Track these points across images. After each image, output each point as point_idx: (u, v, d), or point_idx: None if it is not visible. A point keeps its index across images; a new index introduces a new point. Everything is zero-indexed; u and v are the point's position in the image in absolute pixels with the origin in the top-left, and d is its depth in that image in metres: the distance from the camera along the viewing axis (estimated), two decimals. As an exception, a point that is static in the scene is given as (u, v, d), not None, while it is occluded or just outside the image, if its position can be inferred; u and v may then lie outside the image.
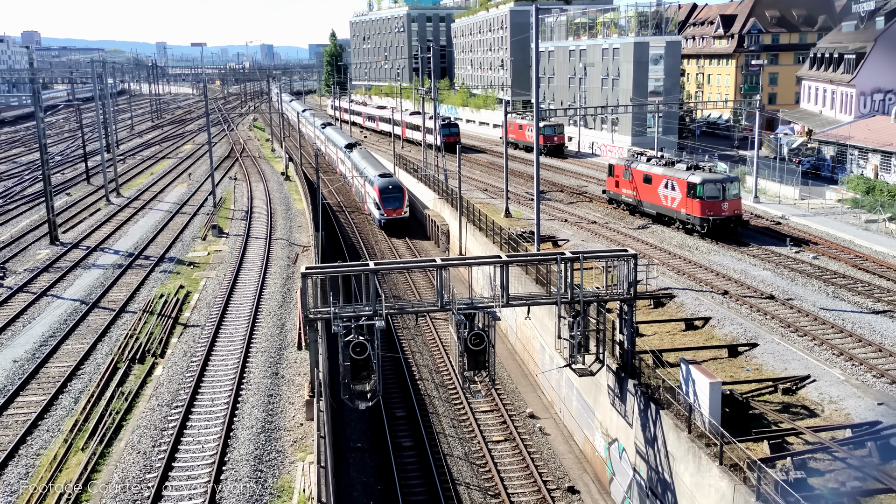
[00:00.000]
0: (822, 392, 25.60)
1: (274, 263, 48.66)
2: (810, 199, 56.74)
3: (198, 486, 23.68)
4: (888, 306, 33.36)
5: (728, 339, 30.74)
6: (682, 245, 45.01)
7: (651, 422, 25.02)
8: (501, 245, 44.61)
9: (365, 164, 76.68)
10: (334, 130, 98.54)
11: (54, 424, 27.66)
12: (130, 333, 36.09)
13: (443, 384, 36.66)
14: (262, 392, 30.17)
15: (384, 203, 66.77)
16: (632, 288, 25.92)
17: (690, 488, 22.60)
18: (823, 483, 20.80)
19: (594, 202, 59.26)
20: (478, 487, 28.41)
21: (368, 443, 31.40)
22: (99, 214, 65.18)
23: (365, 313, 24.36)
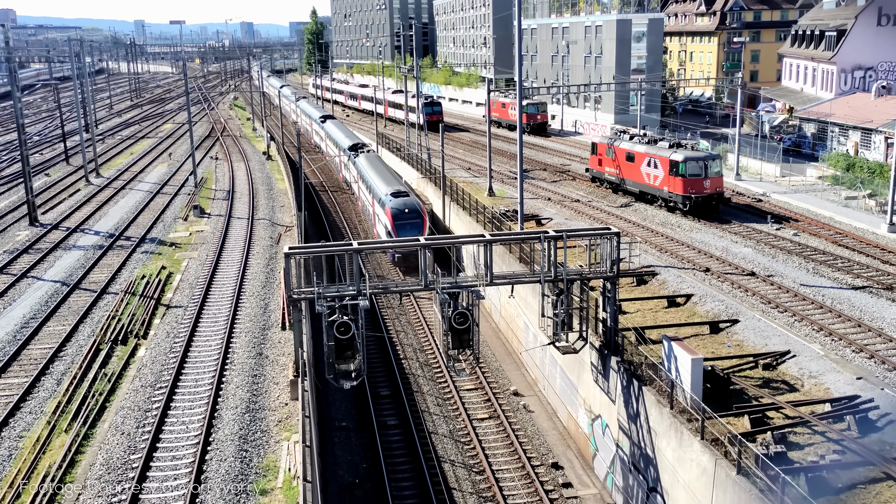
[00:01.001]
0: (802, 367, 25.91)
1: (256, 244, 48.46)
2: (791, 176, 57.08)
3: (183, 467, 23.70)
4: (867, 282, 33.73)
5: (709, 315, 31.00)
6: (665, 223, 45.22)
7: (633, 398, 25.25)
8: (485, 224, 44.64)
9: (373, 174, 59.18)
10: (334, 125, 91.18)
11: (37, 407, 27.54)
12: (112, 315, 35.88)
13: (427, 363, 36.77)
14: (247, 372, 30.14)
15: (399, 232, 47.41)
16: (615, 266, 26.04)
17: (672, 463, 22.87)
18: (803, 456, 21.11)
19: (577, 180, 59.33)
20: (462, 465, 28.60)
21: (353, 422, 31.50)
22: (78, 195, 64.55)
23: (349, 293, 24.34)
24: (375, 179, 56.98)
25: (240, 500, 21.92)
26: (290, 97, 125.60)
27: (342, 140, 77.45)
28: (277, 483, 22.87)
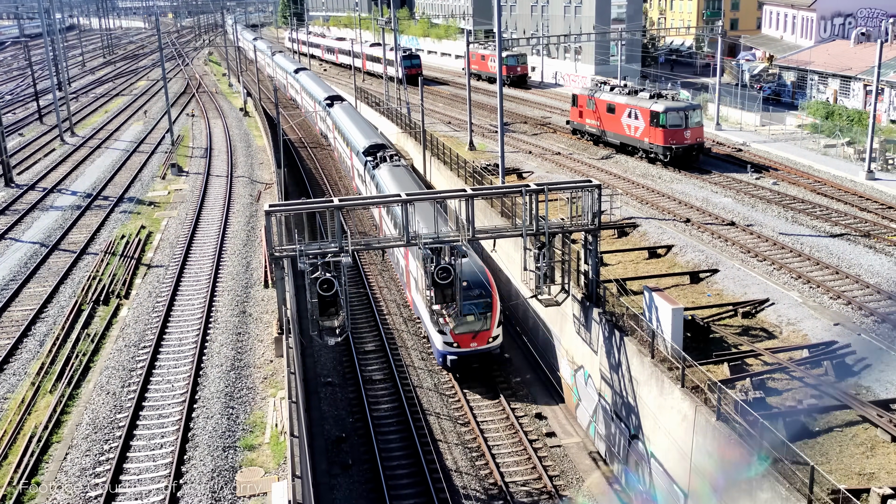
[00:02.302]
0: (781, 314, 26.28)
1: (236, 202, 48.13)
2: (771, 125, 57.20)
3: (169, 425, 23.83)
4: (845, 230, 34.09)
5: (690, 266, 31.27)
6: (646, 174, 45.30)
7: (615, 348, 25.55)
8: (466, 178, 44.52)
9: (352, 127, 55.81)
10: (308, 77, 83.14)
11: (20, 368, 27.49)
12: (93, 275, 35.67)
13: (411, 318, 36.95)
14: (231, 330, 30.18)
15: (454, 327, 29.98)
16: (596, 218, 26.12)
17: (654, 410, 23.26)
18: (781, 401, 21.53)
19: (558, 133, 59.15)
20: (447, 416, 28.94)
21: (339, 377, 31.71)
22: (54, 155, 63.62)
23: (331, 250, 24.29)
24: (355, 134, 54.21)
25: (228, 456, 22.12)
26: (266, 51, 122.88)
27: (318, 92, 75.46)
28: (264, 439, 23.07)
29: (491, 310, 30.03)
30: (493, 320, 30.27)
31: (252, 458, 22.20)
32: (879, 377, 22.06)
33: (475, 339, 30.17)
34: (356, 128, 55.45)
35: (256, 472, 21.51)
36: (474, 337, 30.10)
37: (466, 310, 28.57)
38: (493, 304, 30.04)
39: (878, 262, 30.19)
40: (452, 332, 29.70)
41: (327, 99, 69.65)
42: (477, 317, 29.67)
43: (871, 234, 33.32)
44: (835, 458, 19.21)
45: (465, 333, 29.94)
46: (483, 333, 30.23)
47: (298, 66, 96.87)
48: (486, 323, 30.15)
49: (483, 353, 30.50)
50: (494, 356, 31.08)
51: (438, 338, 30.37)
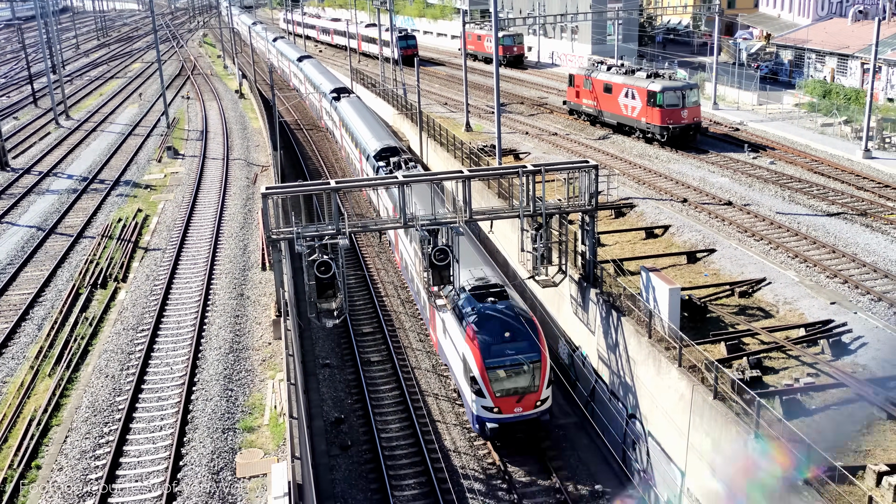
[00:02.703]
0: (778, 294, 26.35)
1: (233, 184, 48.03)
2: (768, 104, 57.04)
3: (169, 408, 23.91)
4: (842, 209, 34.11)
5: (687, 245, 31.30)
6: (643, 154, 45.23)
7: (612, 328, 25.62)
8: (463, 160, 44.43)
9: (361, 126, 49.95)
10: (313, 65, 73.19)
11: (19, 352, 27.53)
12: (90, 259, 35.65)
13: (408, 300, 36.99)
14: (229, 313, 30.22)
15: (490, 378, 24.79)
16: (593, 199, 26.10)
17: (651, 390, 23.36)
18: (778, 380, 21.64)
19: (555, 113, 58.97)
20: (445, 397, 29.05)
21: (338, 359, 31.79)
22: (49, 138, 63.37)
23: (328, 232, 24.27)
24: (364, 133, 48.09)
25: (227, 438, 22.22)
26: (264, 35, 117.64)
27: (322, 84, 69.01)
28: (264, 420, 23.17)
29: (540, 366, 24.57)
30: (542, 379, 24.61)
31: (251, 439, 22.30)
32: (875, 355, 22.15)
33: (520, 403, 24.59)
34: (366, 127, 49.47)
35: (256, 453, 21.62)
36: (519, 400, 24.54)
37: (509, 364, 24.32)
38: (542, 358, 24.60)
39: (875, 240, 30.24)
40: (492, 393, 24.32)
41: (334, 91, 63.46)
42: (522, 374, 24.55)
43: (868, 212, 33.35)
44: (831, 436, 19.33)
45: (509, 396, 24.47)
46: (530, 396, 24.62)
47: (302, 53, 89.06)
48: (533, 382, 24.62)
49: (530, 420, 24.88)
50: (543, 423, 25.40)
51: (475, 401, 24.76)
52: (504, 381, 24.40)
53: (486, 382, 24.26)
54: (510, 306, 25.52)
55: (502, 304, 25.61)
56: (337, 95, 61.72)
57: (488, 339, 24.52)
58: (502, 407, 24.54)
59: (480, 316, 25.12)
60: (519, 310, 25.70)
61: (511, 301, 26.04)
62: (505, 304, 25.56)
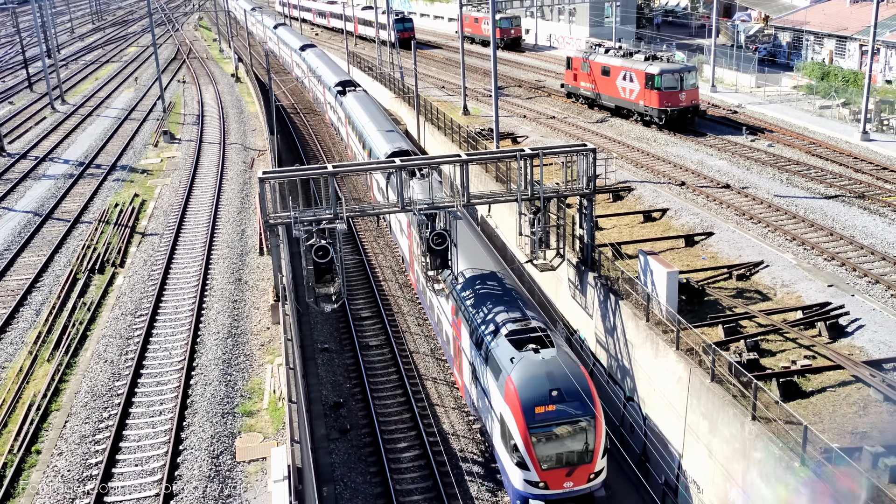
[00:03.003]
0: (775, 276, 26.40)
1: (230, 169, 47.92)
2: (766, 86, 56.90)
3: (168, 392, 23.96)
4: (840, 191, 34.11)
5: (685, 229, 31.31)
6: (641, 137, 45.15)
7: (610, 312, 25.68)
8: (460, 143, 44.32)
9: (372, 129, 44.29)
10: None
11: (17, 337, 27.55)
12: (88, 244, 35.62)
13: (406, 284, 37.02)
14: (227, 298, 30.23)
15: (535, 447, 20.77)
16: (591, 182, 26.08)
17: (648, 373, 23.44)
18: (775, 363, 21.71)
19: (553, 96, 58.79)
20: (444, 381, 29.14)
21: (336, 344, 31.85)
22: (45, 123, 63.14)
23: (325, 216, 24.25)
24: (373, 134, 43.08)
25: (226, 422, 22.28)
26: (264, 22, 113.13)
27: (326, 76, 63.43)
28: (263, 405, 23.24)
29: (594, 432, 20.75)
30: (596, 447, 20.88)
31: (251, 423, 22.37)
32: (873, 337, 22.23)
33: (571, 477, 20.83)
34: (375, 126, 44.45)
35: (255, 437, 21.70)
36: (570, 473, 20.78)
37: (558, 430, 20.58)
38: (597, 422, 20.74)
39: (873, 223, 30.26)
40: (538, 465, 20.49)
41: (339, 85, 58.40)
42: (573, 442, 20.74)
43: (866, 195, 33.36)
44: (828, 418, 19.44)
45: (558, 468, 20.69)
46: (583, 468, 20.85)
47: (305, 42, 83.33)
48: (586, 451, 20.82)
49: (583, 496, 21.19)
50: (598, 501, 21.45)
51: (517, 473, 20.90)
52: (552, 450, 20.57)
53: (530, 452, 20.35)
54: (557, 357, 21.09)
55: (547, 353, 21.15)
56: (342, 89, 56.46)
57: (532, 398, 20.31)
58: (550, 481, 20.69)
59: (522, 369, 20.75)
60: (567, 361, 21.29)
61: (558, 349, 21.52)
62: (550, 353, 21.15)
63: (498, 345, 22.10)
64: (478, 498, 23.12)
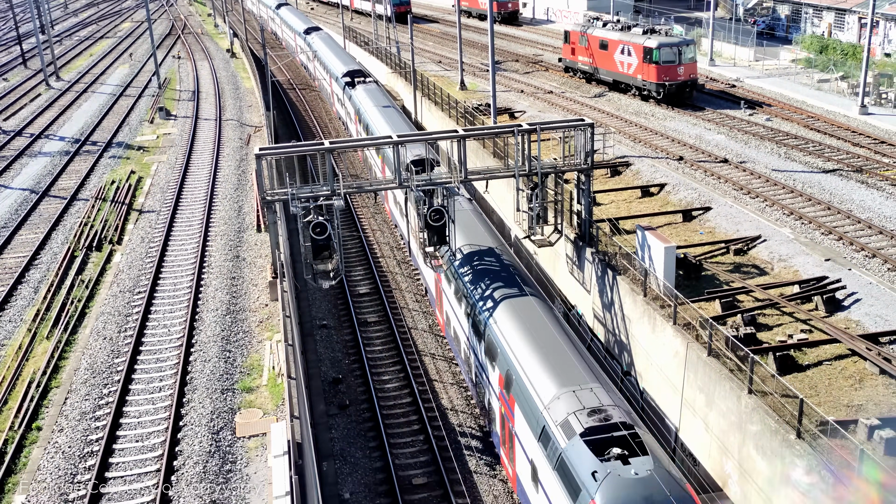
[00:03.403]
0: (773, 251, 26.45)
1: (226, 145, 47.74)
2: (765, 60, 56.63)
3: (167, 369, 24.05)
4: (838, 165, 34.08)
5: (683, 204, 31.30)
6: (639, 112, 44.99)
7: (608, 287, 25.74)
8: (458, 119, 44.15)
9: None
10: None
11: (16, 315, 27.58)
12: (85, 221, 35.57)
13: (404, 260, 37.04)
14: (225, 275, 30.25)
15: None
16: (589, 157, 26.02)
17: (646, 348, 23.56)
18: (772, 337, 21.81)
19: (550, 71, 58.48)
20: (442, 357, 29.26)
21: (335, 320, 31.93)
22: (40, 100, 62.78)
23: (323, 193, 24.20)
24: None
25: (226, 399, 22.39)
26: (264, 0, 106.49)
27: (334, 65, 57.86)
28: (262, 381, 23.34)
29: None
30: None
31: (250, 399, 22.49)
32: (869, 311, 22.32)
33: None
34: (391, 128, 39.17)
35: (255, 413, 21.82)
36: None
37: None
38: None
39: (870, 197, 30.27)
40: None
41: (347, 75, 52.23)
42: None
43: (864, 169, 33.33)
44: (824, 391, 19.57)
45: None
46: None
47: (310, 24, 78.05)
48: None
49: None
50: None
51: None
52: None
53: None
54: (655, 474, 15.70)
55: (641, 465, 15.83)
56: (351, 80, 50.47)
57: None
58: None
59: (610, 489, 15.42)
60: (668, 479, 15.79)
61: (653, 459, 16.15)
62: (645, 466, 15.81)
63: (573, 447, 16.71)
64: (476, 472, 23.31)
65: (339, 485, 22.82)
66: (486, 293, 24.19)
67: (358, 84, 49.68)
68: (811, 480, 16.69)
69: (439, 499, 22.33)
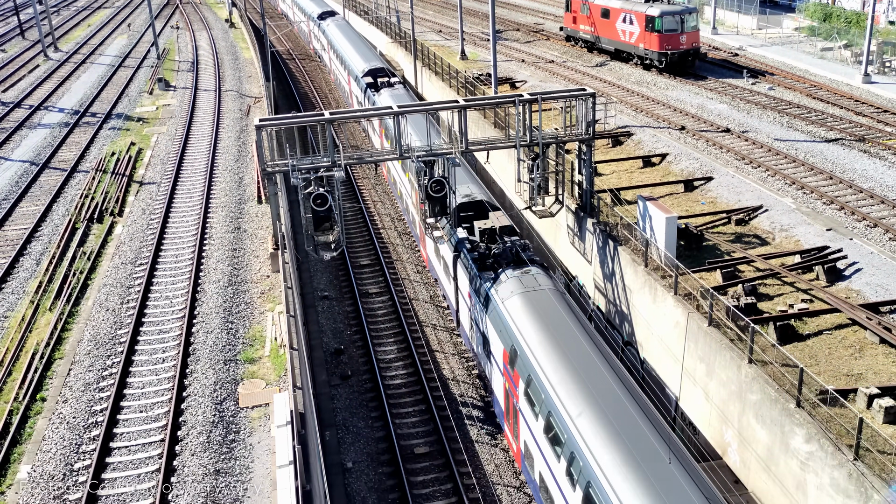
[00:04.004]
0: (774, 221, 26.42)
1: (226, 116, 47.52)
2: (768, 28, 56.15)
3: (170, 340, 24.17)
4: (840, 134, 33.91)
5: (684, 174, 31.21)
6: (640, 81, 44.69)
7: (609, 258, 25.75)
8: (458, 89, 43.89)
9: None
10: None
11: (18, 287, 27.66)
12: (85, 193, 35.53)
13: (405, 231, 37.05)
14: (226, 247, 30.28)
15: None
16: (590, 128, 25.89)
17: (647, 318, 23.62)
18: (772, 306, 21.86)
19: (551, 40, 58.02)
20: (444, 328, 29.38)
21: (336, 291, 32.01)
22: (38, 71, 62.40)
23: (323, 164, 24.13)
24: None
25: (229, 370, 22.52)
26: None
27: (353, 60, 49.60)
28: (264, 352, 23.46)
29: None
30: None
31: (253, 370, 22.62)
32: (870, 281, 22.34)
33: None
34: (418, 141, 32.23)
35: (258, 384, 21.96)
36: None
37: None
38: None
39: (873, 166, 30.16)
40: None
41: (368, 74, 44.03)
42: None
43: (866, 138, 33.17)
44: (824, 361, 19.64)
45: None
46: None
47: (325, 9, 68.32)
48: None
49: None
50: None
51: None
52: None
53: None
54: None
55: None
56: (374, 81, 43.04)
57: None
58: None
59: None
60: None
61: None
62: None
63: None
64: (477, 441, 23.51)
65: (342, 454, 23.03)
66: None
67: (383, 88, 42.31)
68: (810, 449, 16.83)
69: (441, 467, 22.55)
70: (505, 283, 23.36)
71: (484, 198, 29.05)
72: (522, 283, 23.08)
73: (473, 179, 31.36)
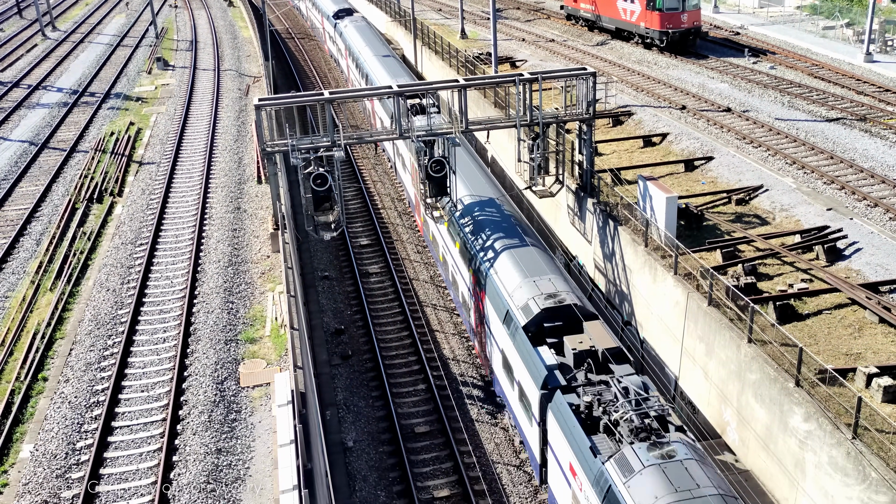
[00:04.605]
0: (774, 201, 26.39)
1: (225, 96, 47.33)
2: (769, 6, 55.80)
3: (171, 320, 24.22)
4: (841, 114, 33.80)
5: (685, 153, 31.14)
6: (641, 60, 44.48)
7: (609, 238, 25.76)
8: (458, 68, 43.69)
9: None
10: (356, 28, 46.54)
11: (19, 267, 27.67)
12: (85, 173, 35.46)
13: (405, 212, 37.01)
14: (226, 227, 30.26)
15: None
16: (591, 107, 25.80)
17: (646, 298, 23.67)
18: (772, 286, 21.90)
19: (552, 19, 57.68)
20: (444, 308, 29.42)
21: (336, 272, 32.04)
22: (36, 50, 62.08)
23: (323, 144, 24.07)
24: None
25: (230, 349, 22.59)
26: None
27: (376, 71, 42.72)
28: (265, 332, 23.51)
29: None
30: None
31: (254, 350, 22.68)
32: (870, 260, 22.36)
33: None
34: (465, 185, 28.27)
35: (258, 363, 22.02)
36: None
37: None
38: None
39: (873, 145, 30.09)
40: None
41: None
42: None
43: (868, 117, 33.07)
44: (823, 340, 19.71)
45: None
46: None
47: (341, 7, 59.92)
48: None
49: None
50: None
51: None
52: None
53: None
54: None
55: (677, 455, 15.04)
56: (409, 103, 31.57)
57: None
58: None
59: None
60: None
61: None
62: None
63: None
64: (478, 420, 23.62)
65: (343, 433, 23.16)
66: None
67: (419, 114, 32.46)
68: (809, 428, 16.92)
69: (441, 446, 22.68)
70: (639, 479, 14.85)
71: (575, 299, 20.55)
72: (668, 477, 14.68)
73: (555, 268, 22.60)
